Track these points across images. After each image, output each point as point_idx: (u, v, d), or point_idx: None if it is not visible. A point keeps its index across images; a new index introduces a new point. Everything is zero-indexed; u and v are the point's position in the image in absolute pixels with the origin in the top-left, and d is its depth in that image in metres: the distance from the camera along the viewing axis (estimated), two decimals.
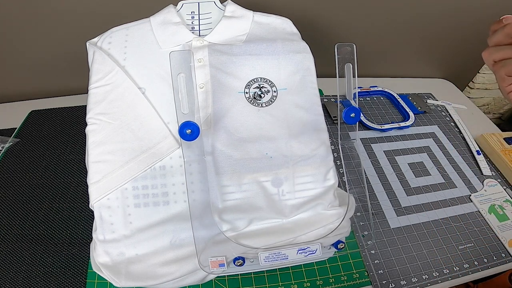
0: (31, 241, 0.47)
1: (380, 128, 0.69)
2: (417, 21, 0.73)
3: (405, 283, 0.47)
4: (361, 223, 0.53)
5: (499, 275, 0.59)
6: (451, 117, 0.76)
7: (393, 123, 0.70)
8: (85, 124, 0.41)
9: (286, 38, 0.47)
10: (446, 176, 0.62)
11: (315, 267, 0.47)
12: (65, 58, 0.65)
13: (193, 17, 0.46)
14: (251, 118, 0.44)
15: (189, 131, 0.36)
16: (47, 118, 0.66)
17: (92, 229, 0.40)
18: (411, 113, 0.72)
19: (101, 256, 0.39)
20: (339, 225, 0.41)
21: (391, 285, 0.47)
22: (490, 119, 0.80)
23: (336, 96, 0.75)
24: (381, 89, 0.79)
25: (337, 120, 0.69)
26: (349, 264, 0.48)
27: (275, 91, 0.45)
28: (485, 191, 0.60)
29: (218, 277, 0.45)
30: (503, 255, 0.52)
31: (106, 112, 0.41)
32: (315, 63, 0.47)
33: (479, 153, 0.67)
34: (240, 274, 0.46)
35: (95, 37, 0.45)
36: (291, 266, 0.47)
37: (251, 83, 0.45)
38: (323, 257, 0.45)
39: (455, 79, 0.91)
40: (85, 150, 0.41)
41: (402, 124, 0.70)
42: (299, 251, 0.40)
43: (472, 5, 0.70)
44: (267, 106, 0.45)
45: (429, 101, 0.80)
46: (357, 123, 0.42)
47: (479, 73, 0.89)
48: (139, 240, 0.39)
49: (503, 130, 0.75)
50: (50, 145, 0.60)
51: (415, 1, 0.69)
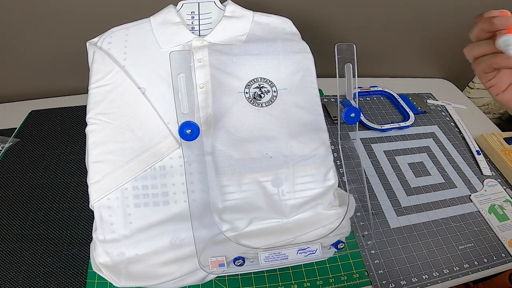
0: (31, 241, 0.47)
1: (380, 128, 0.68)
2: (417, 21, 0.73)
3: (405, 283, 0.47)
4: (361, 223, 0.53)
5: (499, 275, 0.59)
6: (451, 117, 0.76)
7: (393, 123, 0.70)
8: (85, 124, 0.41)
9: (286, 38, 0.47)
10: (446, 176, 0.62)
11: (315, 267, 0.47)
12: (65, 58, 0.65)
13: (193, 17, 0.46)
14: (251, 118, 0.44)
15: (189, 131, 0.36)
16: (47, 118, 0.66)
17: (92, 229, 0.40)
18: (411, 113, 0.72)
19: (101, 256, 0.39)
20: (339, 225, 0.41)
21: (391, 285, 0.47)
22: (490, 119, 0.80)
23: (336, 96, 0.75)
24: (381, 89, 0.79)
25: (337, 120, 0.69)
26: (349, 264, 0.48)
27: (275, 91, 0.45)
28: (485, 191, 0.60)
29: (218, 277, 0.45)
30: (503, 255, 0.52)
31: (106, 112, 0.41)
32: (315, 63, 0.47)
33: (479, 153, 0.67)
34: (240, 274, 0.46)
35: (95, 37, 0.45)
36: (291, 266, 0.47)
37: (251, 83, 0.45)
38: (323, 257, 0.45)
39: (455, 79, 0.91)
40: (85, 150, 0.41)
41: (402, 124, 0.70)
42: (299, 251, 0.40)
43: (472, 5, 0.70)
44: (267, 106, 0.45)
45: (429, 101, 0.80)
46: (357, 123, 0.42)
47: None
48: (139, 240, 0.39)
49: (503, 130, 0.75)
50: (50, 145, 0.60)
51: (415, 1, 0.69)
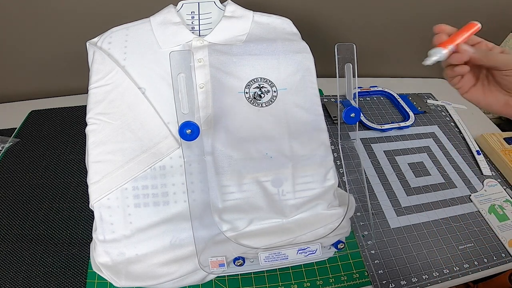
0: (31, 241, 0.47)
1: (380, 128, 0.68)
2: (417, 21, 0.73)
3: (405, 283, 0.47)
4: (361, 223, 0.53)
5: (499, 275, 0.60)
6: (451, 117, 0.76)
7: (393, 123, 0.70)
8: (85, 124, 0.41)
9: (286, 38, 0.47)
10: (446, 176, 0.62)
11: (315, 267, 0.47)
12: (65, 58, 0.65)
13: (193, 17, 0.46)
14: (251, 118, 0.44)
15: (189, 131, 0.36)
16: (47, 118, 0.66)
17: (92, 229, 0.40)
18: (411, 113, 0.72)
19: (101, 256, 0.39)
20: (339, 225, 0.42)
21: (391, 285, 0.47)
22: (490, 119, 0.80)
23: (336, 96, 0.75)
24: (381, 89, 0.79)
25: (337, 120, 0.69)
26: (349, 264, 0.48)
27: (275, 91, 0.45)
28: (485, 191, 0.60)
29: (218, 277, 0.45)
30: (503, 255, 0.52)
31: (106, 112, 0.41)
32: (315, 63, 0.47)
33: (479, 153, 0.67)
34: (240, 274, 0.46)
35: (95, 37, 0.45)
36: (291, 266, 0.47)
37: (251, 83, 0.45)
38: (323, 257, 0.45)
39: None
40: (85, 150, 0.41)
41: (402, 124, 0.70)
42: (299, 251, 0.40)
43: (472, 5, 0.70)
44: (267, 106, 0.45)
45: (429, 101, 0.80)
46: (357, 123, 0.42)
47: None
48: (139, 240, 0.39)
49: (503, 130, 0.75)
50: (50, 145, 0.60)
51: (415, 1, 0.69)
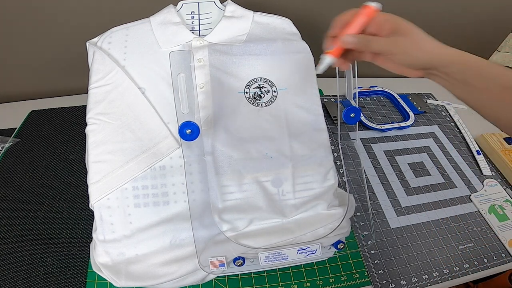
0: (31, 241, 0.47)
1: (380, 128, 0.68)
2: (417, 21, 0.73)
3: (405, 283, 0.47)
4: (361, 223, 0.53)
5: (499, 275, 0.59)
6: (451, 117, 0.76)
7: (393, 123, 0.70)
8: (85, 124, 0.41)
9: (286, 38, 0.47)
10: (446, 176, 0.62)
11: (315, 267, 0.47)
12: (65, 58, 0.65)
13: (193, 17, 0.46)
14: (251, 118, 0.44)
15: (189, 131, 0.36)
16: (47, 118, 0.66)
17: (92, 229, 0.40)
18: (411, 113, 0.72)
19: (101, 256, 0.39)
20: (339, 225, 0.42)
21: (391, 285, 0.47)
22: None
23: (336, 96, 0.75)
24: (381, 89, 0.79)
25: (337, 120, 0.69)
26: (349, 264, 0.48)
27: (275, 91, 0.45)
28: (485, 191, 0.60)
29: (218, 277, 0.45)
30: (503, 255, 0.52)
31: (106, 112, 0.41)
32: (315, 63, 0.47)
33: (479, 153, 0.67)
34: (240, 274, 0.46)
35: (95, 37, 0.45)
36: (291, 266, 0.47)
37: (251, 83, 0.45)
38: (323, 257, 0.45)
39: None
40: (85, 150, 0.41)
41: (402, 124, 0.70)
42: (299, 251, 0.40)
43: (472, 5, 0.70)
44: (267, 106, 0.45)
45: (429, 101, 0.80)
46: (357, 123, 0.42)
47: None
48: (139, 240, 0.39)
49: None
50: (50, 145, 0.60)
51: (415, 1, 0.69)
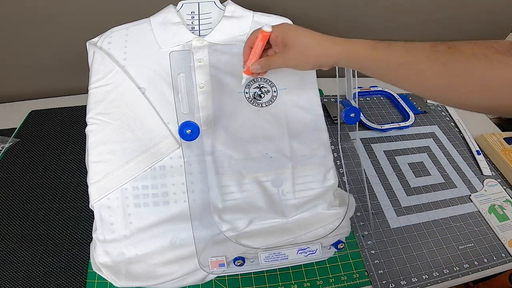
0: (31, 241, 0.47)
1: (380, 128, 0.68)
2: (417, 21, 0.73)
3: (405, 283, 0.47)
4: (361, 223, 0.53)
5: (499, 275, 0.59)
6: (451, 117, 0.76)
7: (393, 123, 0.70)
8: (85, 124, 0.41)
9: None
10: (446, 176, 0.62)
11: (315, 267, 0.47)
12: (65, 58, 0.65)
13: (193, 17, 0.46)
14: (251, 118, 0.44)
15: (189, 131, 0.36)
16: (47, 118, 0.66)
17: (92, 229, 0.40)
18: (411, 113, 0.72)
19: (101, 256, 0.39)
20: (339, 225, 0.42)
21: (391, 285, 0.47)
22: (490, 119, 0.80)
23: (336, 96, 0.75)
24: (381, 89, 0.79)
25: (337, 120, 0.69)
26: (349, 264, 0.48)
27: (275, 91, 0.46)
28: (485, 191, 0.60)
29: (218, 277, 0.45)
30: (503, 255, 0.52)
31: (106, 112, 0.41)
32: None
33: (479, 153, 0.67)
34: (240, 274, 0.46)
35: (95, 37, 0.45)
36: (291, 266, 0.47)
37: (251, 83, 0.45)
38: (323, 257, 0.45)
39: None
40: (85, 150, 0.41)
41: (402, 124, 0.70)
42: (299, 251, 0.40)
43: (472, 5, 0.70)
44: (267, 106, 0.45)
45: (429, 101, 0.80)
46: (357, 123, 0.42)
47: None
48: (139, 240, 0.39)
49: (503, 130, 0.74)
50: (50, 145, 0.60)
51: (415, 1, 0.69)
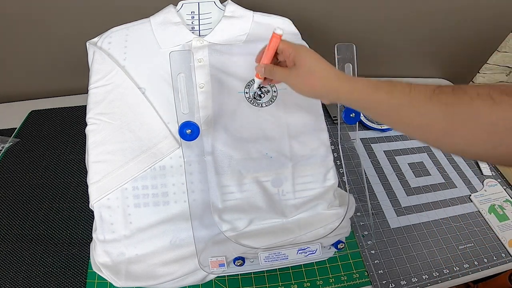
0: (31, 241, 0.47)
1: (380, 128, 0.68)
2: (417, 21, 0.73)
3: (405, 283, 0.47)
4: (361, 223, 0.53)
5: (499, 275, 0.59)
6: None
7: None
8: (85, 124, 0.41)
9: (286, 38, 0.47)
10: (446, 176, 0.62)
11: (315, 267, 0.47)
12: (65, 58, 0.65)
13: (193, 17, 0.46)
14: (251, 118, 0.44)
15: (189, 131, 0.36)
16: (47, 118, 0.66)
17: (92, 229, 0.40)
18: None
19: (101, 256, 0.39)
20: (339, 225, 0.41)
21: (391, 285, 0.47)
22: None
23: None
24: None
25: (337, 120, 0.68)
26: (349, 264, 0.48)
27: (275, 91, 0.45)
28: (485, 191, 0.60)
29: (218, 277, 0.45)
30: (503, 255, 0.52)
31: (106, 112, 0.41)
32: None
33: None
34: (240, 274, 0.46)
35: (95, 37, 0.45)
36: (291, 266, 0.47)
37: (251, 83, 0.45)
38: (323, 257, 0.45)
39: (455, 79, 0.91)
40: (85, 150, 0.41)
41: None
42: (299, 251, 0.40)
43: (472, 5, 0.70)
44: (267, 106, 0.45)
45: None
46: (357, 123, 0.42)
47: (479, 73, 0.89)
48: (139, 240, 0.39)
49: None
50: (50, 145, 0.60)
51: (415, 1, 0.69)
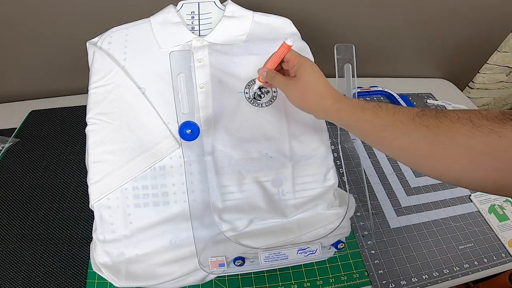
0: (31, 241, 0.47)
1: None
2: (417, 21, 0.73)
3: (405, 283, 0.47)
4: (361, 223, 0.53)
5: (499, 275, 0.59)
6: None
7: None
8: (85, 124, 0.41)
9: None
10: None
11: (315, 267, 0.47)
12: (65, 58, 0.65)
13: (193, 17, 0.46)
14: (251, 118, 0.44)
15: (189, 131, 0.36)
16: (47, 118, 0.66)
17: (92, 229, 0.40)
18: None
19: (101, 256, 0.39)
20: (339, 225, 0.41)
21: (391, 285, 0.47)
22: None
23: None
24: (381, 89, 0.79)
25: None
26: (349, 264, 0.48)
27: (275, 91, 0.45)
28: None
29: (218, 277, 0.45)
30: (503, 255, 0.52)
31: (106, 112, 0.41)
32: (315, 63, 0.47)
33: None
34: (240, 274, 0.46)
35: (95, 37, 0.45)
36: (291, 266, 0.47)
37: (251, 83, 0.45)
38: (323, 257, 0.45)
39: (455, 79, 0.91)
40: (85, 150, 0.41)
41: None
42: (299, 251, 0.40)
43: (472, 5, 0.70)
44: (267, 106, 0.45)
45: (429, 101, 0.80)
46: None
47: (479, 73, 0.89)
48: (139, 240, 0.39)
49: None
50: (50, 145, 0.60)
51: (415, 1, 0.69)
